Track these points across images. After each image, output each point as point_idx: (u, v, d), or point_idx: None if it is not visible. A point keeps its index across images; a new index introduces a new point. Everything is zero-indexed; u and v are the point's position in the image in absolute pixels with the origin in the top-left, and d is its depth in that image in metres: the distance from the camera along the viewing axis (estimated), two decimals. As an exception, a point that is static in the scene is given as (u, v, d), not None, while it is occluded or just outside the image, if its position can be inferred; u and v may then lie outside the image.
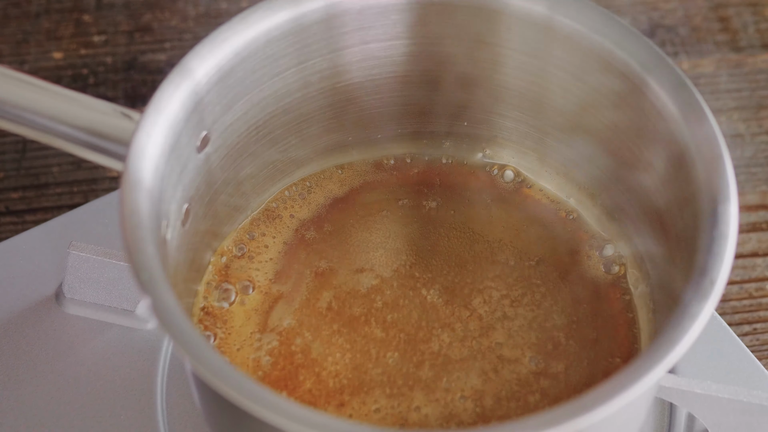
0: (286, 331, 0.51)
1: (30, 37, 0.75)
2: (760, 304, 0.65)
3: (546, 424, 0.40)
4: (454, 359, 0.51)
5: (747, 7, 0.77)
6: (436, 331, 0.51)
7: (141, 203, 0.44)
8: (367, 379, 0.50)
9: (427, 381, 0.50)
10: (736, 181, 0.46)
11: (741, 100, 0.73)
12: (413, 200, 0.56)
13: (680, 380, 0.49)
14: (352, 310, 0.52)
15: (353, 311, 0.52)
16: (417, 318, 0.52)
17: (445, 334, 0.51)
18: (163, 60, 0.74)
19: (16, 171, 0.68)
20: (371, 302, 0.52)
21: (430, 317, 0.52)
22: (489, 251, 0.54)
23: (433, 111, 0.56)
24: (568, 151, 0.54)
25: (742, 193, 0.69)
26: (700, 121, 0.47)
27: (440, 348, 0.51)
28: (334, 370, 0.50)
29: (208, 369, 0.41)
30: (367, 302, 0.52)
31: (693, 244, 0.45)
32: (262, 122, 0.53)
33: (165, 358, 0.57)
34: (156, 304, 0.42)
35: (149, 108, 0.46)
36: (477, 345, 0.51)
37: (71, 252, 0.57)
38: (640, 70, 0.49)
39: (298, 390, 0.49)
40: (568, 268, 0.54)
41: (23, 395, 0.56)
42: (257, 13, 0.50)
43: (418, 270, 0.53)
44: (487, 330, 0.52)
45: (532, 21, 0.51)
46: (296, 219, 0.55)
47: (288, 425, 0.40)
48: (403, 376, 0.50)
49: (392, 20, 0.52)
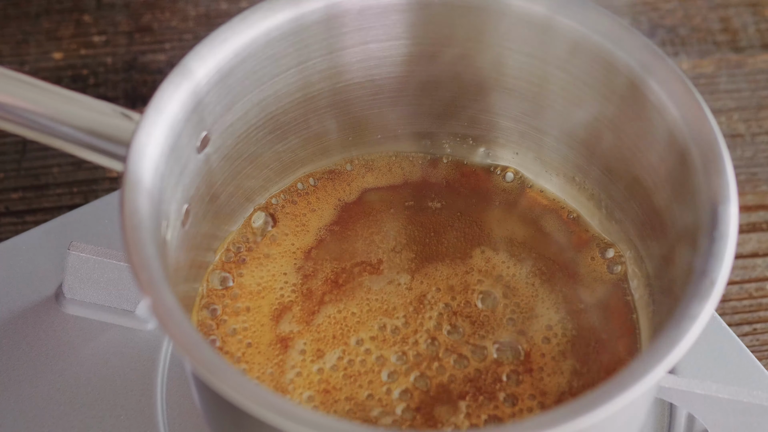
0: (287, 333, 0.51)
1: (30, 37, 0.75)
2: (760, 304, 0.65)
3: (546, 424, 0.40)
4: (454, 355, 0.51)
5: (747, 7, 0.77)
6: (438, 332, 0.51)
7: (141, 203, 0.44)
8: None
9: (422, 370, 0.50)
10: (736, 181, 0.46)
11: (741, 100, 0.73)
12: (413, 200, 0.56)
13: (680, 380, 0.49)
14: (352, 307, 0.52)
15: (353, 309, 0.52)
16: (419, 321, 0.52)
17: (446, 332, 0.51)
18: (163, 60, 0.74)
19: (16, 171, 0.68)
20: (373, 301, 0.52)
21: (430, 316, 0.52)
22: (489, 251, 0.54)
23: (433, 111, 0.56)
24: (568, 151, 0.54)
25: (742, 193, 0.69)
26: (700, 121, 0.47)
27: (438, 348, 0.51)
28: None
29: (208, 369, 0.41)
30: (368, 300, 0.52)
31: (693, 244, 0.45)
32: (262, 122, 0.53)
33: (165, 358, 0.57)
34: (156, 304, 0.42)
35: (149, 108, 0.46)
36: (479, 343, 0.51)
37: (71, 252, 0.57)
38: (640, 70, 0.49)
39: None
40: (568, 269, 0.54)
41: (23, 395, 0.56)
42: (257, 13, 0.50)
43: (420, 269, 0.53)
44: (487, 328, 0.51)
45: (532, 21, 0.51)
46: (297, 219, 0.55)
47: (288, 425, 0.40)
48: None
49: (392, 21, 0.52)
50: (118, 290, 0.57)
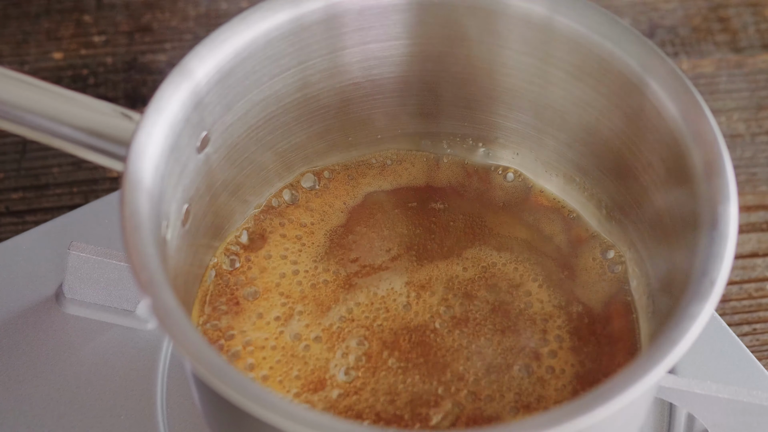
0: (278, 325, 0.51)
1: (30, 37, 0.75)
2: (759, 304, 0.65)
3: (546, 424, 0.40)
4: (454, 350, 0.51)
5: (747, 7, 0.77)
6: (438, 331, 0.51)
7: (141, 204, 0.44)
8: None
9: (418, 365, 0.50)
10: (736, 181, 0.46)
11: (741, 100, 0.73)
12: (414, 201, 0.56)
13: (680, 380, 0.49)
14: (352, 305, 0.52)
15: (352, 306, 0.52)
16: (421, 318, 0.52)
17: (446, 332, 0.51)
18: (163, 60, 0.74)
19: (16, 171, 0.68)
20: (378, 302, 0.52)
21: (431, 316, 0.52)
22: (490, 251, 0.54)
23: (433, 111, 0.56)
24: (568, 151, 0.54)
25: (742, 194, 0.69)
26: (700, 122, 0.47)
27: (440, 343, 0.51)
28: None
29: (208, 369, 0.41)
30: (372, 302, 0.52)
31: (693, 244, 0.45)
32: (262, 122, 0.53)
33: (165, 358, 0.57)
34: (156, 304, 0.42)
35: (149, 108, 0.46)
36: (482, 341, 0.51)
37: (71, 252, 0.57)
38: (640, 70, 0.49)
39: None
40: (568, 269, 0.54)
41: (23, 395, 0.56)
42: (257, 13, 0.50)
43: (421, 270, 0.53)
44: (488, 327, 0.52)
45: (532, 21, 0.51)
46: (297, 220, 0.55)
47: (288, 425, 0.40)
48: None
49: (392, 21, 0.52)
50: (118, 290, 0.57)
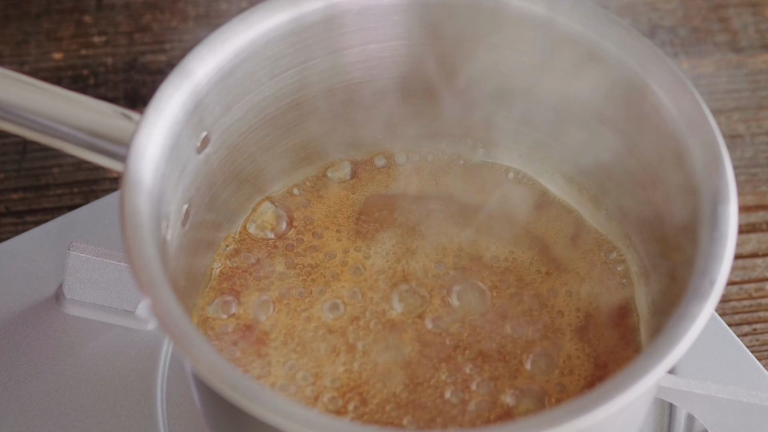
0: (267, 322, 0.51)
1: (30, 37, 0.75)
2: (759, 304, 0.65)
3: (546, 424, 0.40)
4: (453, 349, 0.51)
5: (747, 7, 0.77)
6: (439, 329, 0.51)
7: (141, 204, 0.44)
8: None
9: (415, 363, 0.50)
10: (735, 181, 0.46)
11: (741, 100, 0.73)
12: (415, 201, 0.56)
13: (680, 380, 0.49)
14: (348, 311, 0.52)
15: (351, 312, 0.52)
16: (423, 315, 0.52)
17: (446, 326, 0.51)
18: (163, 61, 0.74)
19: (16, 172, 0.68)
20: (378, 304, 0.52)
21: (433, 314, 0.52)
22: (490, 250, 0.54)
23: (433, 112, 0.56)
24: (567, 151, 0.54)
25: (742, 194, 0.69)
26: (700, 122, 0.47)
27: (443, 340, 0.51)
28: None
29: (208, 369, 0.41)
30: (371, 304, 0.52)
31: (693, 245, 0.45)
32: (262, 123, 0.53)
33: (165, 359, 0.57)
34: (156, 304, 0.42)
35: (149, 109, 0.46)
36: (482, 341, 0.51)
37: (71, 253, 0.57)
38: (640, 70, 0.49)
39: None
40: (568, 269, 0.54)
41: (23, 395, 0.56)
42: (257, 13, 0.50)
43: (422, 269, 0.53)
44: (488, 325, 0.52)
45: (532, 21, 0.51)
46: (297, 220, 0.55)
47: (288, 425, 0.40)
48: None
49: (392, 21, 0.52)
50: (118, 290, 0.57)
